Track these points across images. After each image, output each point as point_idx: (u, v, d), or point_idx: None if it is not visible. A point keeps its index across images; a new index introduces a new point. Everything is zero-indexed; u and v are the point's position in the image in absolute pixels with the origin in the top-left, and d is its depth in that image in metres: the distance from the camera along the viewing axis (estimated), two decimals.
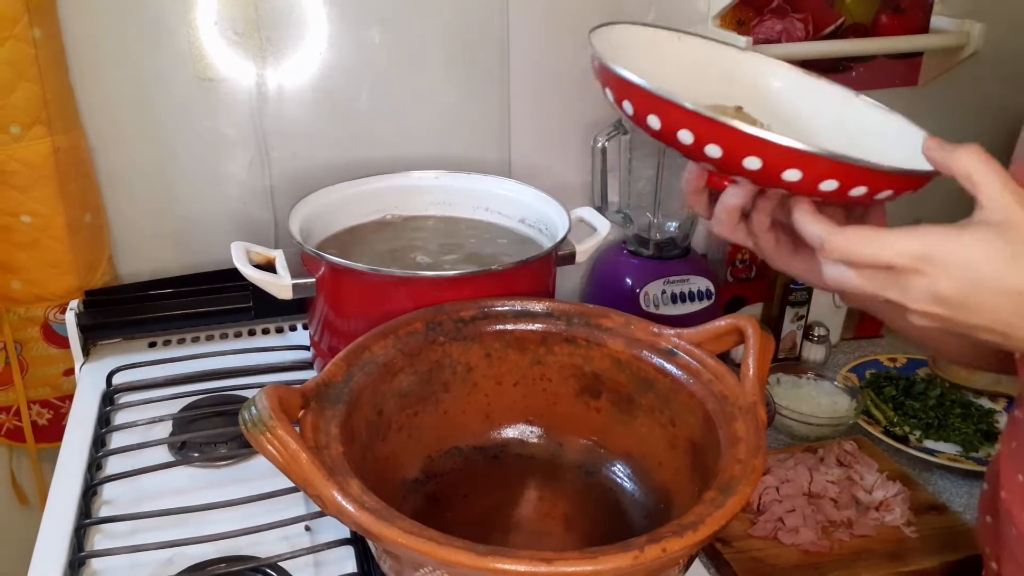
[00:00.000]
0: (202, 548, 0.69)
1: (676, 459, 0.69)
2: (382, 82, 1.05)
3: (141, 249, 1.05)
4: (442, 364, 0.73)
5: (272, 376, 0.93)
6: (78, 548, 0.69)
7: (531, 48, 1.08)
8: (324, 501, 0.52)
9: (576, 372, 0.75)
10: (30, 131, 0.90)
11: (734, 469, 0.56)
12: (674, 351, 0.70)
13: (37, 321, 1.00)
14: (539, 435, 0.77)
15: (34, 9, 0.86)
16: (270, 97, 1.02)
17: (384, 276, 0.78)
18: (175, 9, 0.95)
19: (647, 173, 1.09)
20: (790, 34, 1.10)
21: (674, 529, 0.50)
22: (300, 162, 1.05)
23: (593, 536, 0.69)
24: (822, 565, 0.76)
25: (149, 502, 0.75)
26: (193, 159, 1.02)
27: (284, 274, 0.81)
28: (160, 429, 0.84)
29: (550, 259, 0.86)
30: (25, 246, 0.95)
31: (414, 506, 0.69)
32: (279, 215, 1.06)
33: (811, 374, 1.02)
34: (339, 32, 1.01)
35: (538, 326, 0.75)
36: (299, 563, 0.69)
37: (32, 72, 0.88)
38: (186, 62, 0.97)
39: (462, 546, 0.48)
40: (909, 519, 0.82)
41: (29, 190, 0.92)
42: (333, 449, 0.57)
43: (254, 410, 0.53)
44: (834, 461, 0.88)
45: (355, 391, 0.64)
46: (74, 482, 0.76)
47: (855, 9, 1.11)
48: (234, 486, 0.76)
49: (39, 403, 1.05)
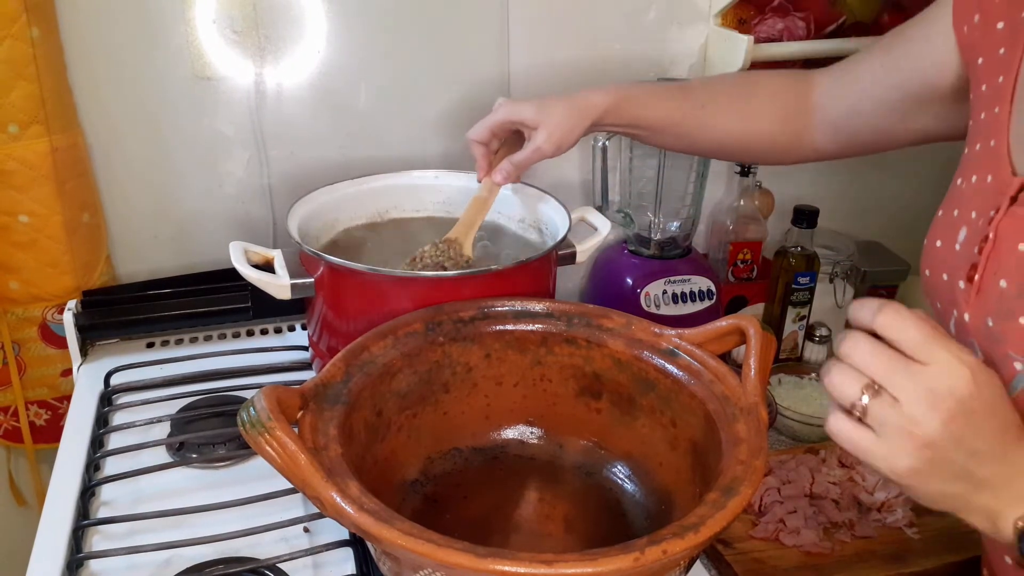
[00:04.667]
0: (200, 549, 0.68)
1: (677, 460, 0.68)
2: (381, 81, 1.04)
3: (139, 249, 1.05)
4: (442, 365, 0.73)
5: (270, 377, 0.92)
6: (76, 549, 0.69)
7: (531, 47, 1.07)
8: (323, 502, 0.52)
9: (576, 373, 0.74)
10: (28, 130, 0.89)
11: (735, 470, 0.56)
12: (675, 351, 0.70)
13: (35, 321, 0.99)
14: (539, 436, 0.76)
15: (32, 8, 0.86)
16: (269, 96, 1.01)
17: (383, 276, 0.78)
18: (173, 8, 0.95)
19: (648, 173, 1.09)
20: (791, 32, 1.10)
21: (675, 530, 0.50)
22: (299, 161, 1.05)
23: (593, 537, 0.69)
24: (823, 566, 0.76)
25: (147, 503, 0.74)
26: (191, 158, 1.02)
27: (283, 274, 0.81)
28: (158, 430, 0.84)
29: (550, 259, 0.86)
30: (23, 246, 0.94)
31: (413, 507, 0.69)
32: (278, 214, 1.06)
33: (813, 375, 1.02)
34: (338, 30, 1.01)
35: (538, 326, 0.74)
36: (298, 564, 0.68)
37: (30, 71, 0.87)
38: (184, 61, 0.97)
39: (462, 548, 0.47)
40: (911, 520, 0.81)
41: (27, 190, 0.91)
42: (332, 450, 0.56)
43: (252, 411, 0.52)
44: (836, 462, 0.88)
45: (354, 392, 0.63)
46: (72, 483, 0.76)
47: (857, 7, 1.11)
48: (232, 487, 0.76)
49: (37, 404, 1.05)
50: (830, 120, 0.79)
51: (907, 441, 0.46)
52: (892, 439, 0.46)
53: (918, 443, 0.46)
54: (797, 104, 0.81)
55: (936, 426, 0.45)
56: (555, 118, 0.80)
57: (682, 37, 1.11)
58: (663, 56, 1.12)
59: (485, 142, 0.85)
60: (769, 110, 0.82)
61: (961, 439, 0.46)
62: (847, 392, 0.48)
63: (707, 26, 1.11)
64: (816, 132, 0.81)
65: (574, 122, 0.80)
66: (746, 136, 0.84)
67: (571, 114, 0.80)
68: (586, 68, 1.10)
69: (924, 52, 0.69)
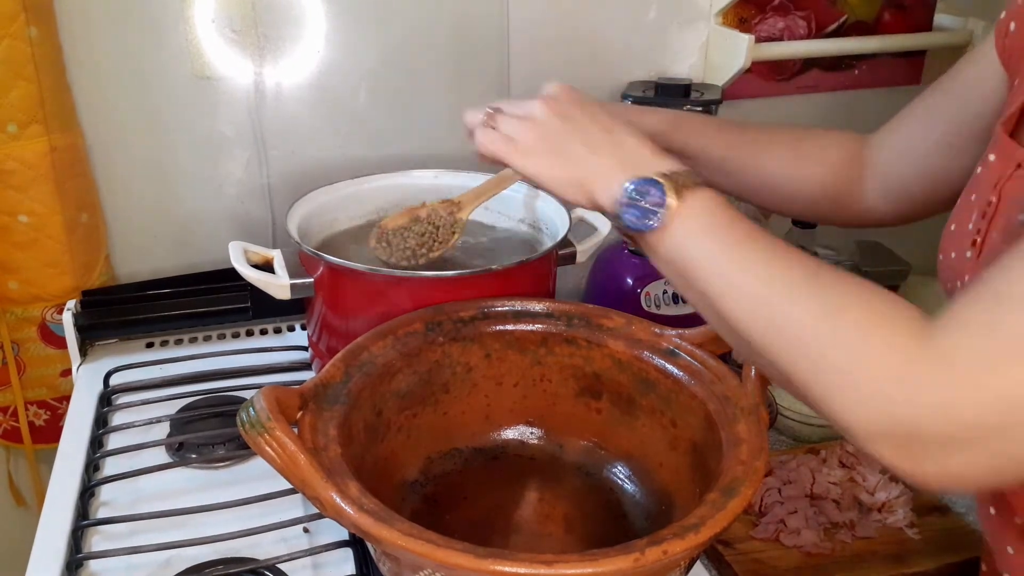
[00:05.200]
0: (200, 550, 0.68)
1: (677, 460, 0.68)
2: (381, 80, 1.04)
3: (138, 249, 1.04)
4: (441, 365, 0.73)
5: (270, 377, 0.92)
6: (75, 550, 0.69)
7: (531, 46, 1.07)
8: (322, 503, 0.52)
9: (576, 373, 0.74)
10: (27, 130, 0.89)
11: (736, 470, 0.56)
12: (675, 352, 0.70)
13: (34, 321, 0.99)
14: (539, 436, 0.76)
15: (31, 7, 0.86)
16: (268, 95, 1.01)
17: (383, 276, 0.78)
18: (172, 7, 0.94)
19: None
20: (792, 32, 1.10)
21: (675, 531, 0.50)
22: (298, 161, 1.05)
23: (593, 538, 0.69)
24: (824, 567, 0.76)
25: (147, 503, 0.74)
26: (191, 158, 1.02)
27: (282, 274, 0.81)
28: (158, 430, 0.84)
29: (550, 259, 0.85)
30: (22, 246, 0.94)
31: (413, 508, 0.69)
32: (277, 214, 1.06)
33: None
34: (337, 30, 1.01)
35: (538, 326, 0.74)
36: (297, 565, 0.68)
37: (29, 71, 0.87)
38: (183, 60, 0.97)
39: (461, 548, 0.47)
40: (912, 521, 0.81)
41: (26, 189, 0.91)
42: (331, 450, 0.56)
43: (252, 411, 0.52)
44: (836, 462, 0.88)
45: (354, 392, 0.63)
46: (71, 483, 0.76)
47: (858, 7, 1.11)
48: (232, 487, 0.75)
49: (36, 404, 1.05)
50: (880, 170, 0.76)
51: (525, 129, 0.61)
52: (514, 130, 0.62)
53: (530, 125, 0.61)
54: (849, 153, 0.79)
55: (544, 110, 0.61)
56: None
57: (682, 36, 1.11)
58: (663, 55, 1.12)
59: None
60: (820, 156, 0.79)
61: (568, 115, 0.61)
62: (475, 118, 0.66)
63: (708, 25, 1.11)
64: (867, 184, 0.77)
65: None
66: (796, 179, 0.80)
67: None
68: (586, 68, 1.10)
69: (971, 81, 0.67)
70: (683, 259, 0.54)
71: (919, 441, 0.43)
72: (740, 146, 0.80)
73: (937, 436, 0.42)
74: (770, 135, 0.82)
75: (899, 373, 0.43)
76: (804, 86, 1.20)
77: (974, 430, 0.42)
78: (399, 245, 0.84)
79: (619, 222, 0.57)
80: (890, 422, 0.43)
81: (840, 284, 0.48)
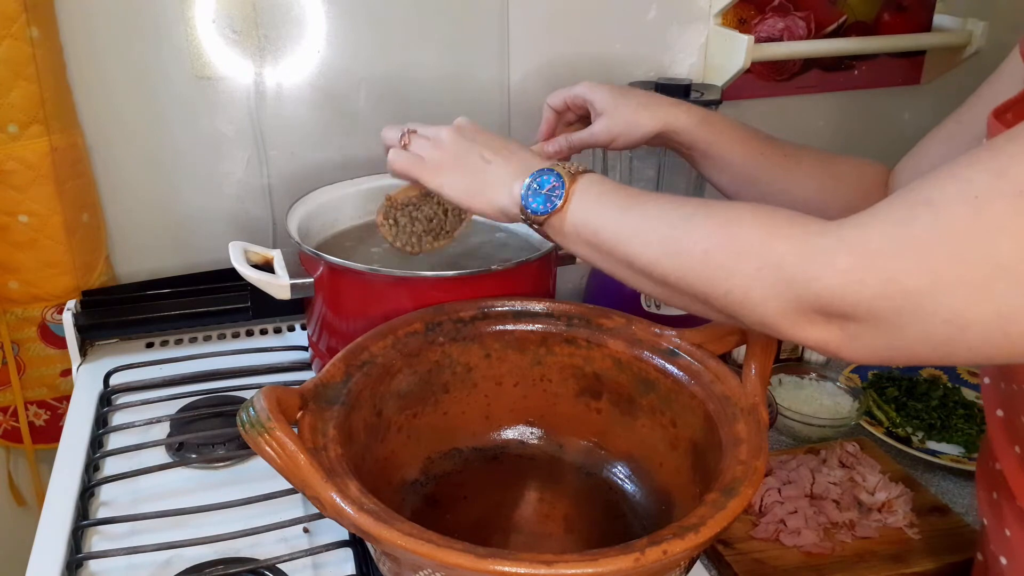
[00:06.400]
0: (200, 550, 0.68)
1: (677, 460, 0.68)
2: (381, 80, 1.04)
3: (138, 249, 1.04)
4: (442, 365, 0.73)
5: (270, 377, 0.92)
6: (76, 550, 0.69)
7: (532, 47, 1.07)
8: (322, 503, 0.52)
9: (576, 373, 0.74)
10: (27, 130, 0.89)
11: (736, 470, 0.56)
12: (675, 352, 0.70)
13: (34, 321, 0.99)
14: (539, 436, 0.76)
15: (32, 8, 0.86)
16: (268, 95, 1.01)
17: (383, 276, 0.78)
18: (173, 7, 0.94)
19: (648, 173, 1.09)
20: (792, 32, 1.10)
21: (675, 531, 0.50)
22: (298, 161, 1.05)
23: (593, 538, 0.69)
24: (824, 567, 0.76)
25: (147, 503, 0.74)
26: (191, 158, 1.02)
27: (282, 274, 0.81)
28: (158, 430, 0.84)
29: (550, 259, 0.86)
30: (22, 246, 0.94)
31: (413, 507, 0.69)
32: (277, 214, 1.06)
33: (813, 375, 1.02)
34: (338, 30, 1.01)
35: (538, 326, 0.74)
36: (297, 565, 0.68)
37: (29, 71, 0.87)
38: (184, 60, 0.97)
39: (461, 548, 0.47)
40: (912, 520, 0.81)
41: (26, 189, 0.91)
42: (331, 450, 0.56)
43: (252, 411, 0.52)
44: (836, 462, 0.88)
45: (354, 392, 0.63)
46: (72, 483, 0.76)
47: (857, 7, 1.11)
48: (232, 487, 0.75)
49: (36, 404, 1.05)
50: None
51: (432, 148, 0.69)
52: (423, 149, 0.70)
53: (437, 145, 0.69)
54: (879, 179, 0.79)
55: (449, 133, 0.69)
56: (622, 110, 0.78)
57: (682, 37, 1.11)
58: (663, 56, 1.12)
59: (559, 110, 0.83)
60: (851, 178, 0.79)
61: (469, 137, 0.69)
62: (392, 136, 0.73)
63: (707, 26, 1.11)
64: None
65: (641, 121, 0.78)
66: (826, 196, 0.79)
67: (640, 113, 0.78)
68: (586, 67, 1.10)
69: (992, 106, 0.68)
70: (588, 225, 0.60)
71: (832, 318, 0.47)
72: (771, 155, 0.80)
73: (843, 312, 0.46)
74: (801, 150, 0.81)
75: (803, 256, 0.48)
76: (804, 86, 1.20)
77: (872, 311, 0.45)
78: (406, 227, 0.82)
79: (525, 213, 0.63)
80: (798, 303, 0.48)
81: (733, 206, 0.54)
